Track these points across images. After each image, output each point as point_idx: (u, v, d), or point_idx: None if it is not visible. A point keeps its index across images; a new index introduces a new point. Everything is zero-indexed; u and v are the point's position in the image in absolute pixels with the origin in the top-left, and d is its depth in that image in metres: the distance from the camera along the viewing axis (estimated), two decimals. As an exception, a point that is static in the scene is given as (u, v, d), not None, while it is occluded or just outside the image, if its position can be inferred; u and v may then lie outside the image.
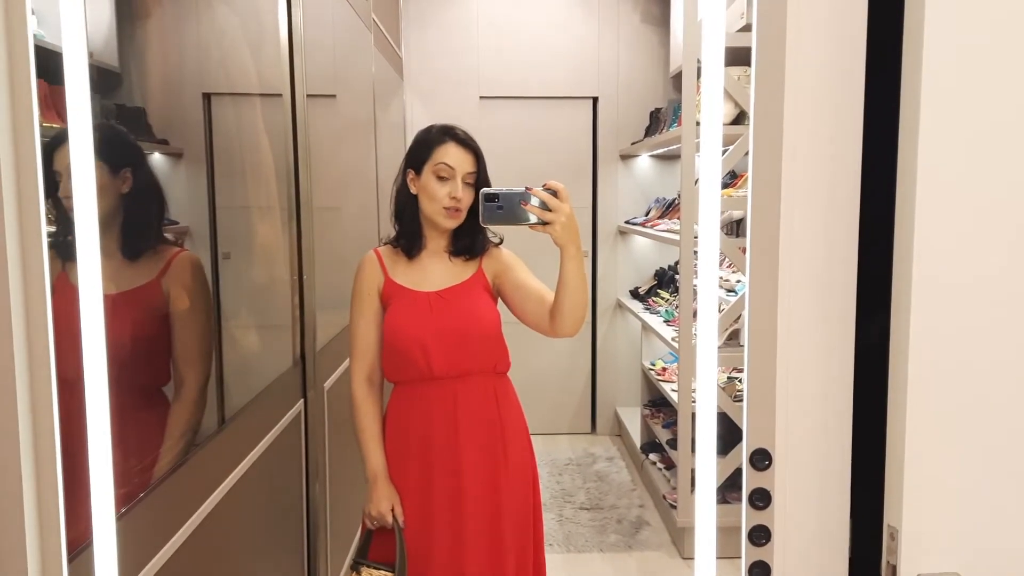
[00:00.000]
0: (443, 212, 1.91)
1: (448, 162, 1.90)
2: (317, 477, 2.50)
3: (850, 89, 1.00)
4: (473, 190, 1.92)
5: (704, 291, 1.09)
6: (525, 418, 2.06)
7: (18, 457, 0.96)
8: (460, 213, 1.92)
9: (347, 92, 3.13)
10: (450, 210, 1.91)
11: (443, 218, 1.92)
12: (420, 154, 1.94)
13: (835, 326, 1.01)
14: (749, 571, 1.03)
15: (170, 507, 1.48)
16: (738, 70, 3.25)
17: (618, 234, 5.23)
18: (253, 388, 2.02)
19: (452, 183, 1.90)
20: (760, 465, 1.02)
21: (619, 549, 3.61)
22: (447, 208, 1.90)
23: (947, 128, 0.93)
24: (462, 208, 1.91)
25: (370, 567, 1.90)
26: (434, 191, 1.90)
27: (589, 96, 5.16)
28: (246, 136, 2.07)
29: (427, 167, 1.92)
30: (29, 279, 0.97)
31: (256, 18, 2.11)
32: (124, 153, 1.43)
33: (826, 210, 1.00)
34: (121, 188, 1.41)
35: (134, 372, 1.45)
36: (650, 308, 4.72)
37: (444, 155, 1.90)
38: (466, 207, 1.92)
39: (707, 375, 1.09)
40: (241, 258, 2.06)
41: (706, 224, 1.08)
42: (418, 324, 1.92)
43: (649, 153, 5.14)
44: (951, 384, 0.95)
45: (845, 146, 1.00)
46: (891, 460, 0.98)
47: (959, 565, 0.97)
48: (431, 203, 1.92)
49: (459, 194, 1.89)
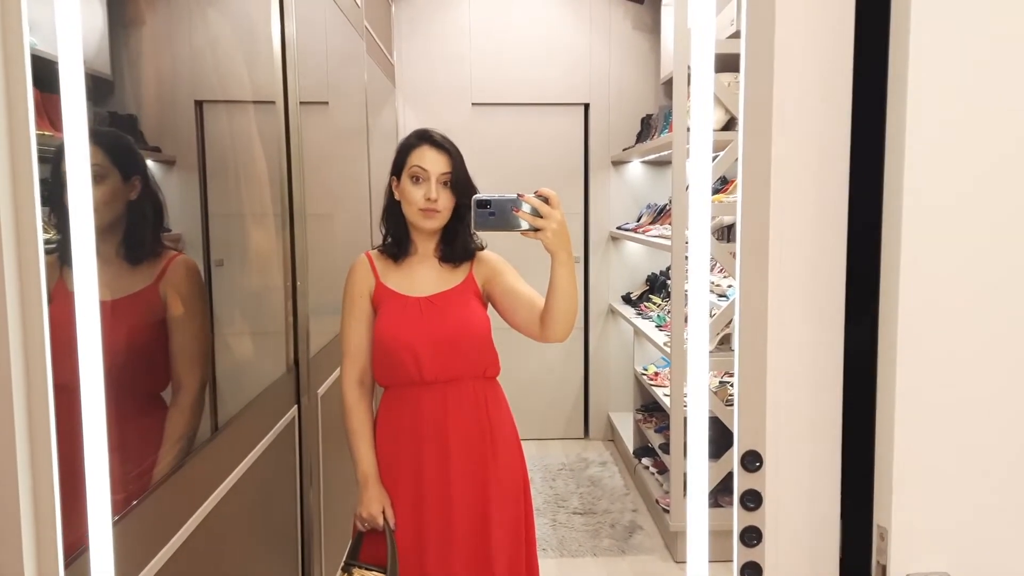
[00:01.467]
0: (420, 214, 1.93)
1: (422, 164, 1.92)
2: (311, 483, 2.50)
3: (838, 95, 1.01)
4: (451, 191, 1.93)
5: (695, 295, 1.10)
6: (515, 423, 2.07)
7: (15, 462, 0.96)
8: (437, 214, 1.94)
9: (340, 99, 3.14)
10: (426, 211, 1.93)
11: (420, 219, 1.94)
12: (399, 160, 1.98)
13: (824, 328, 1.03)
14: (741, 572, 1.04)
15: (166, 512, 1.48)
16: (728, 76, 3.28)
17: (610, 240, 5.25)
18: (247, 395, 2.03)
19: (426, 184, 1.92)
20: (751, 467, 1.03)
21: (612, 553, 3.62)
22: (423, 209, 1.92)
23: (936, 138, 0.95)
24: (439, 209, 1.93)
25: (361, 568, 1.92)
26: (410, 194, 1.93)
27: (581, 102, 5.19)
28: (239, 143, 2.08)
29: (405, 172, 1.95)
30: (26, 285, 0.97)
31: (249, 26, 2.12)
32: (134, 161, 1.47)
33: (815, 214, 1.02)
34: (130, 195, 1.43)
35: (133, 377, 1.46)
36: (642, 313, 4.74)
37: (419, 158, 1.93)
38: (444, 208, 1.94)
39: (699, 379, 1.10)
40: (234, 265, 2.07)
41: (697, 229, 1.10)
42: (409, 329, 1.93)
43: (640, 159, 5.16)
44: (939, 384, 0.96)
45: (833, 152, 1.02)
46: (880, 460, 0.99)
47: (948, 564, 0.98)
48: (408, 206, 1.95)
49: (433, 195, 1.91)
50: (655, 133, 4.60)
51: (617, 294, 5.28)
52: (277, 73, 2.28)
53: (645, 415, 4.69)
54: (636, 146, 4.85)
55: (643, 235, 4.44)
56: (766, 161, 1.01)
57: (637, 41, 5.15)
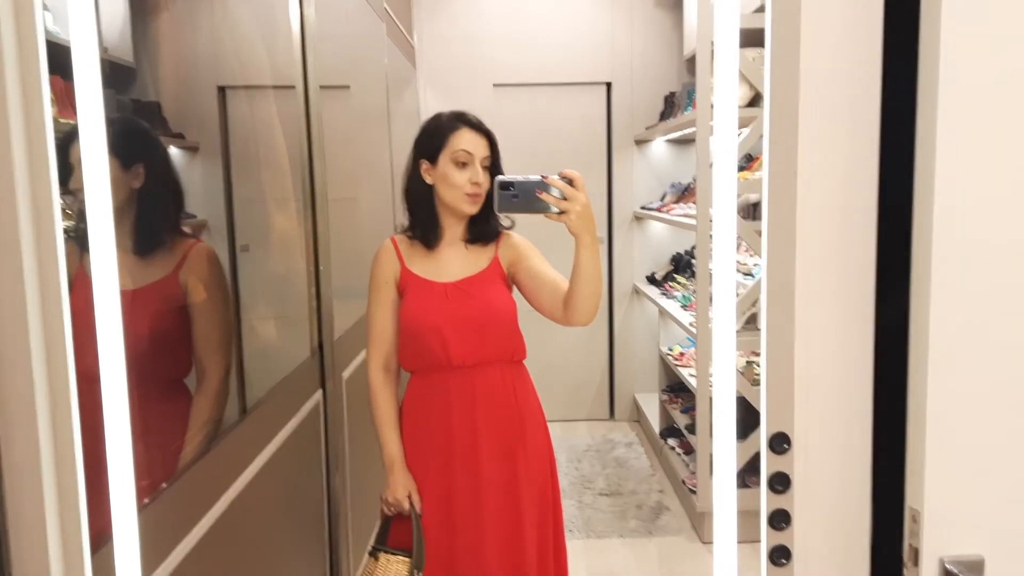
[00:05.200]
0: (465, 198, 1.91)
1: (466, 148, 1.89)
2: (337, 467, 2.52)
3: (867, 67, 0.98)
4: (489, 175, 1.91)
5: (721, 275, 1.08)
6: (542, 405, 2.06)
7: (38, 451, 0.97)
8: (480, 198, 1.92)
9: (360, 83, 3.13)
10: (472, 196, 1.91)
11: (466, 204, 1.92)
12: (433, 143, 1.93)
13: (854, 305, 1.00)
14: (770, 555, 1.03)
15: (192, 497, 1.49)
16: (752, 51, 3.22)
17: (634, 220, 5.21)
18: (272, 378, 2.03)
19: (472, 168, 1.90)
20: (779, 449, 1.02)
21: (639, 534, 3.61)
22: (469, 194, 1.90)
23: (970, 114, 0.92)
24: (482, 193, 1.91)
25: (388, 553, 1.92)
26: (454, 178, 1.90)
27: (603, 81, 5.13)
28: (261, 129, 2.08)
29: (444, 155, 1.91)
30: (45, 275, 0.97)
31: (269, 10, 2.12)
32: (136, 148, 1.42)
33: (844, 189, 0.99)
34: (132, 183, 1.39)
35: (154, 365, 1.46)
36: (667, 293, 4.71)
37: (461, 141, 1.90)
38: (485, 191, 1.92)
39: (725, 359, 1.08)
40: (259, 250, 2.07)
41: (722, 207, 1.07)
42: (436, 314, 1.92)
43: (664, 138, 5.11)
44: (975, 362, 0.94)
45: (863, 125, 0.99)
46: (913, 441, 0.97)
47: (984, 548, 0.96)
48: (451, 190, 1.91)
49: (480, 179, 1.89)
50: (678, 111, 4.54)
51: (642, 274, 5.25)
52: (297, 57, 2.27)
53: (671, 395, 4.66)
54: (659, 124, 4.80)
55: (667, 214, 4.40)
56: (793, 137, 0.99)
57: (659, 18, 5.08)
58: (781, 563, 1.02)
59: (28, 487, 0.97)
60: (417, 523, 1.93)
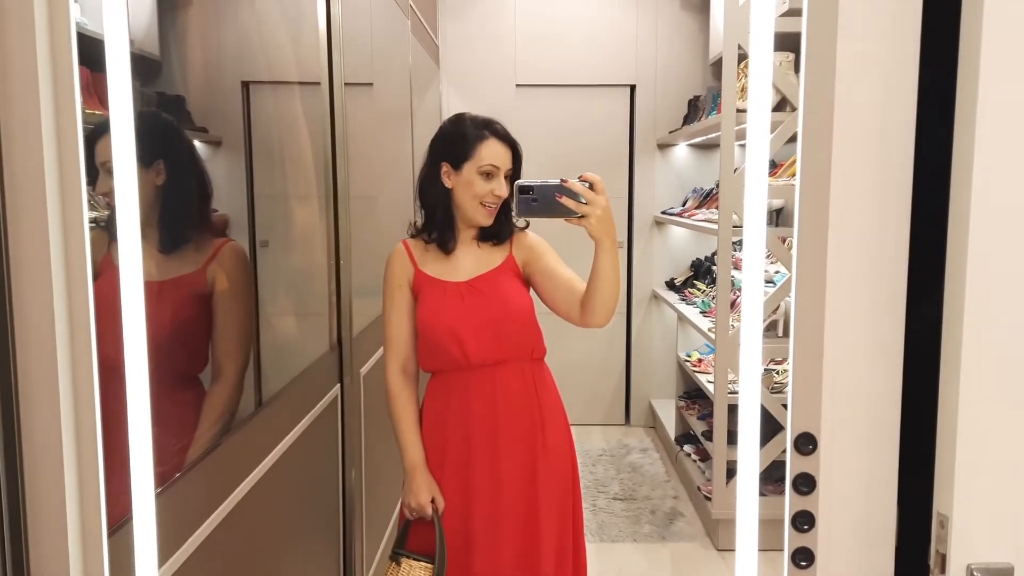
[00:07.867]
0: (481, 209, 1.90)
1: (494, 163, 1.88)
2: (353, 462, 2.52)
3: (904, 72, 0.97)
4: (509, 185, 1.90)
5: (749, 282, 1.07)
6: (563, 404, 2.04)
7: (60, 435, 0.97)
8: (496, 210, 1.92)
9: (384, 80, 3.13)
10: (490, 207, 1.90)
11: (481, 216, 1.91)
12: (459, 149, 1.90)
13: (885, 306, 0.98)
14: (792, 557, 1.01)
15: (209, 486, 1.50)
16: (780, 55, 3.20)
17: (654, 224, 5.19)
18: (290, 372, 2.04)
19: (496, 181, 1.89)
20: (804, 449, 1.00)
21: (653, 540, 3.59)
22: (485, 205, 1.89)
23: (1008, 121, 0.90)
24: (499, 205, 1.91)
25: (410, 559, 1.89)
26: (478, 188, 1.88)
27: (626, 84, 5.12)
28: (284, 124, 2.08)
29: (469, 164, 1.88)
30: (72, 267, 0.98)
31: (295, 6, 2.12)
32: (157, 144, 1.39)
33: (877, 191, 0.98)
34: (156, 181, 1.37)
35: (172, 358, 1.46)
36: (686, 299, 4.68)
37: (489, 155, 1.88)
38: (501, 203, 1.92)
39: (751, 366, 1.07)
40: (279, 245, 2.07)
41: (752, 213, 1.06)
42: (451, 314, 1.91)
43: (687, 142, 5.08)
44: (1008, 367, 0.92)
45: (897, 130, 0.97)
46: (942, 445, 0.95)
47: (1013, 557, 0.94)
48: (469, 198, 1.90)
49: (503, 192, 1.89)
50: (703, 115, 4.52)
51: (661, 280, 5.22)
52: (322, 54, 2.28)
53: (688, 402, 4.64)
54: (683, 128, 4.77)
55: (689, 219, 4.37)
56: (827, 141, 0.98)
57: (685, 20, 5.06)
58: (802, 565, 1.01)
59: (49, 470, 0.98)
60: (440, 529, 1.90)
